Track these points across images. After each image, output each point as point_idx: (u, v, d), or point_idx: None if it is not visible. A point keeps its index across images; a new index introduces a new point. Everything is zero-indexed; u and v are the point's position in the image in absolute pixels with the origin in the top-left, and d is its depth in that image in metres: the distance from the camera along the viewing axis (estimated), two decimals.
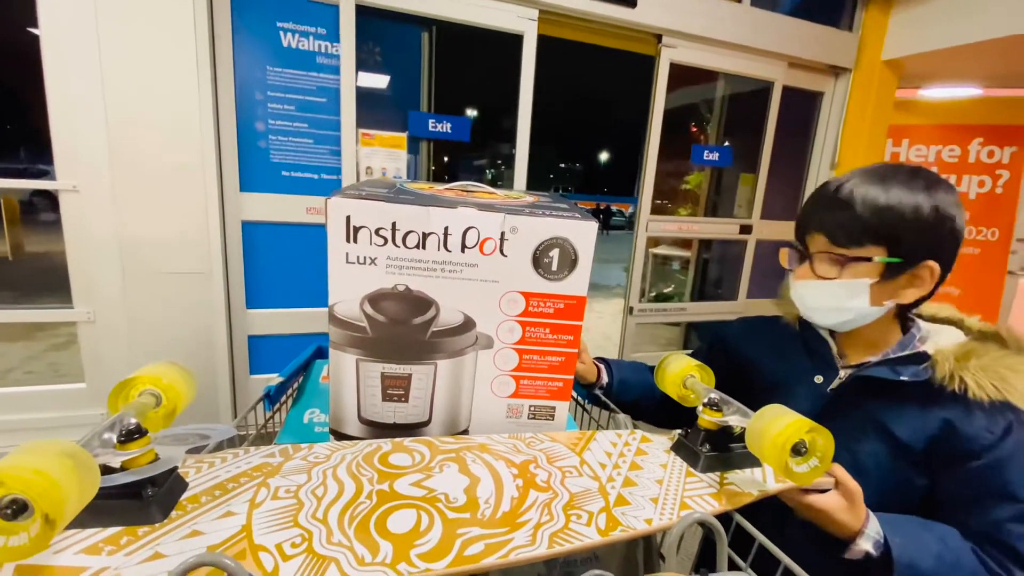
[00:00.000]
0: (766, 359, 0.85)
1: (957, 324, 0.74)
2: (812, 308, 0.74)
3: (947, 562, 0.59)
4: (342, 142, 1.77)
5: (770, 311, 0.91)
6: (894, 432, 0.68)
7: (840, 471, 0.59)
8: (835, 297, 0.70)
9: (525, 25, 1.82)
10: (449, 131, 1.92)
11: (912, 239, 0.66)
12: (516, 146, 1.95)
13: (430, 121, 1.88)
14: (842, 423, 0.69)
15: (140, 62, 1.55)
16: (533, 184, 1.96)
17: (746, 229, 2.44)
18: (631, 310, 2.29)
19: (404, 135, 1.83)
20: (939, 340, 0.71)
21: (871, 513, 0.60)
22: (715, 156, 2.43)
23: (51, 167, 1.57)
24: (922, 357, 0.68)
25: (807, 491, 0.59)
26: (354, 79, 1.70)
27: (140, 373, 0.47)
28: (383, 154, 1.80)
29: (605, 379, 0.91)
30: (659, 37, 1.98)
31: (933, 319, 0.76)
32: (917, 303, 0.72)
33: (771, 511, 0.62)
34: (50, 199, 1.62)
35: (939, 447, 0.65)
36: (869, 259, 0.67)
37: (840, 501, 0.58)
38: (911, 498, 0.68)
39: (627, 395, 0.90)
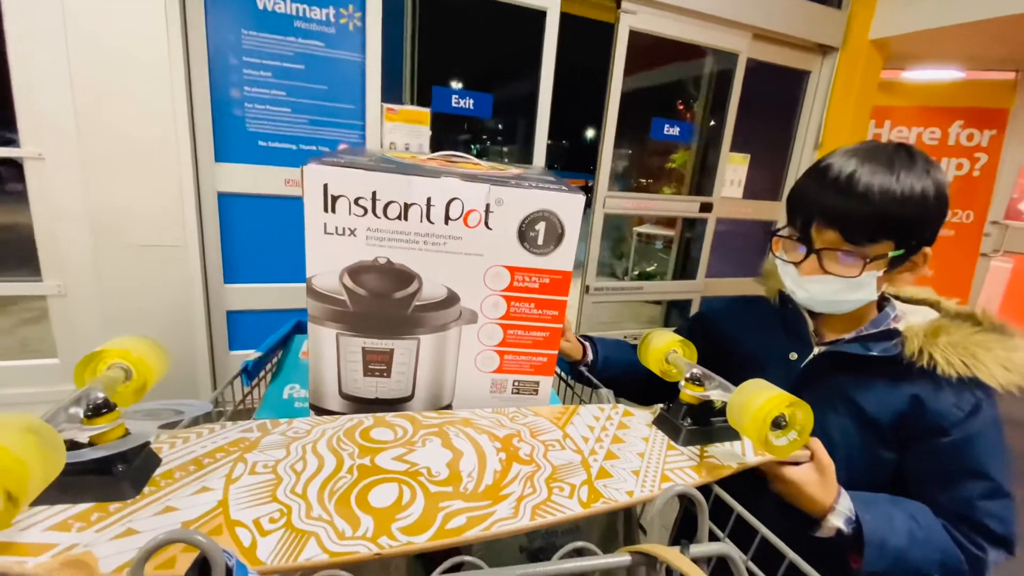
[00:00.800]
0: (745, 336, 0.86)
1: (933, 306, 0.75)
2: (819, 302, 0.72)
3: (918, 540, 0.61)
4: (367, 117, 1.75)
5: (731, 291, 0.91)
6: (863, 407, 0.69)
7: (816, 444, 0.61)
8: (845, 292, 0.69)
9: (549, 1, 1.76)
10: (472, 107, 1.92)
11: (919, 229, 0.66)
12: (536, 125, 1.92)
13: (453, 97, 1.89)
14: (812, 397, 0.70)
15: (107, 23, 1.47)
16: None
17: (707, 207, 2.42)
18: (587, 289, 2.26)
19: (427, 111, 1.82)
20: (913, 319, 0.72)
21: (843, 490, 0.62)
22: (675, 131, 2.41)
23: (16, 135, 1.49)
24: (893, 334, 0.69)
25: (783, 463, 0.60)
26: (380, 51, 1.67)
27: (108, 346, 0.46)
28: (405, 129, 1.80)
29: (590, 356, 0.91)
30: (618, 2, 1.89)
31: (911, 301, 0.77)
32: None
33: (749, 484, 0.63)
34: (17, 168, 1.54)
35: (907, 422, 0.66)
36: (885, 255, 0.66)
37: (812, 474, 0.59)
38: (880, 473, 0.69)
39: (611, 372, 0.90)
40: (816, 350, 0.75)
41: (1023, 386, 0.63)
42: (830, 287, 0.69)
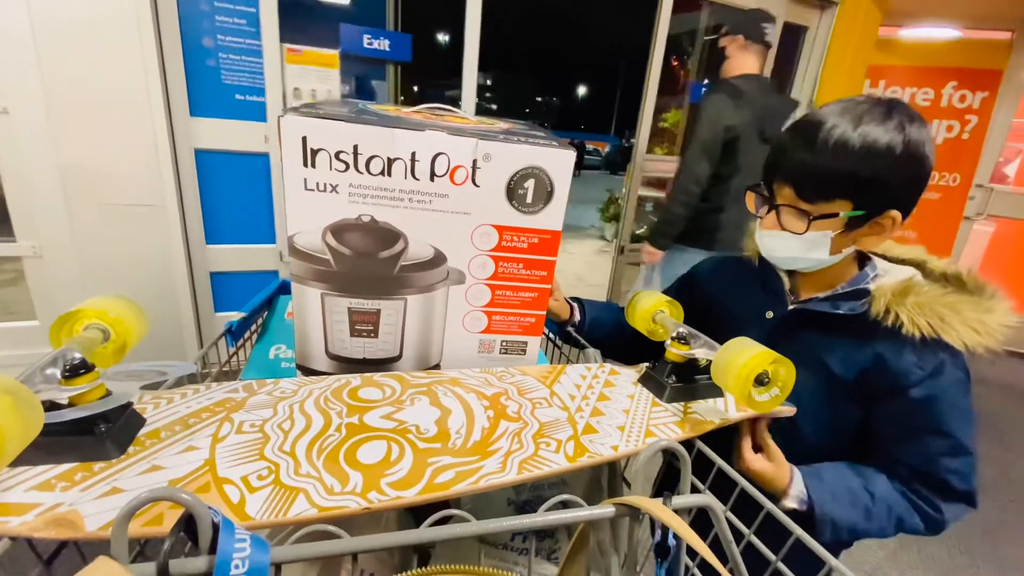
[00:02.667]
0: (727, 295, 0.87)
1: (919, 265, 0.74)
2: (776, 257, 0.74)
3: (872, 513, 0.64)
4: (264, 58, 1.56)
5: None
6: (828, 364, 0.69)
7: (767, 438, 0.64)
8: (797, 250, 0.69)
9: None
10: (387, 49, 1.68)
11: (878, 191, 0.64)
12: (463, 70, 1.73)
13: (365, 37, 1.64)
14: (781, 354, 0.72)
15: None
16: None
17: None
18: (622, 249, 2.29)
19: (335, 52, 1.60)
20: (890, 279, 0.71)
21: (796, 473, 0.65)
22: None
23: None
24: (862, 293, 0.69)
25: (755, 447, 0.64)
26: None
27: (83, 306, 0.44)
28: (313, 74, 1.60)
29: (577, 317, 0.91)
30: None
31: (899, 260, 0.77)
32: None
33: (730, 439, 0.65)
34: None
35: (870, 380, 0.67)
36: (836, 215, 0.65)
37: (767, 465, 0.63)
38: (846, 429, 0.71)
39: (598, 333, 0.91)
40: (791, 308, 0.76)
41: (992, 348, 0.63)
42: (784, 243, 0.69)
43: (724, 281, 0.90)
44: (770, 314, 0.77)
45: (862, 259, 0.75)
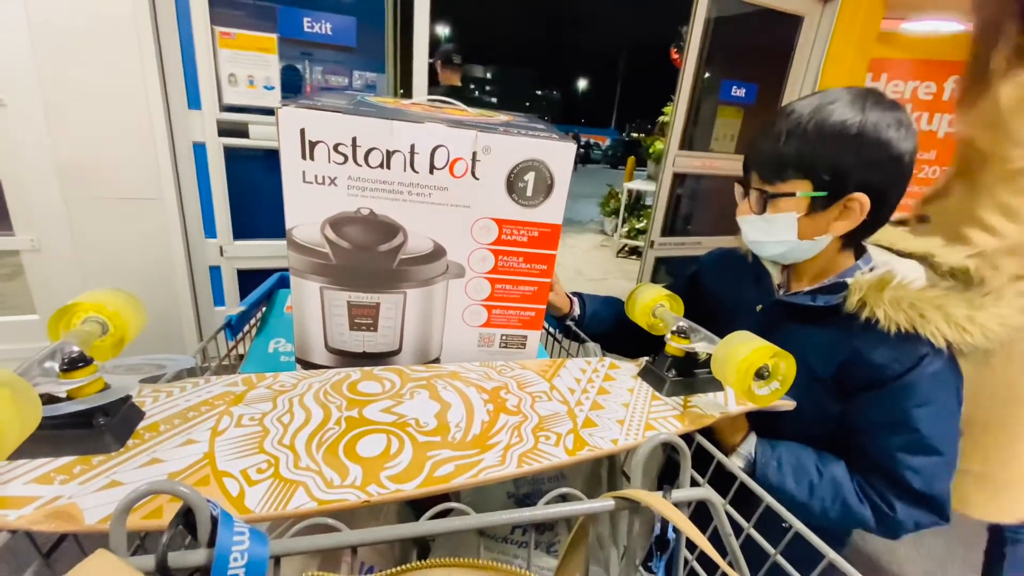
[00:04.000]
0: (723, 288, 0.88)
1: (925, 259, 0.73)
2: (751, 242, 0.75)
3: (816, 490, 0.65)
4: (195, 42, 1.47)
5: None
6: (807, 358, 0.67)
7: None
8: (764, 232, 0.71)
9: None
10: (329, 33, 1.56)
11: (836, 171, 0.64)
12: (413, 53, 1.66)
13: (305, 20, 1.54)
14: None
15: None
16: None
17: None
18: (652, 244, 2.36)
19: (273, 36, 1.49)
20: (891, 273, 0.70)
21: (752, 436, 0.67)
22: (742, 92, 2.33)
23: None
24: (841, 286, 0.68)
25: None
26: None
27: (81, 299, 0.44)
28: (249, 59, 1.50)
29: (577, 311, 0.91)
30: None
31: (906, 253, 0.75)
32: (864, 234, 0.70)
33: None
34: None
35: (848, 374, 0.67)
36: (793, 194, 0.66)
37: (724, 419, 0.60)
38: (827, 423, 0.71)
39: (599, 327, 0.91)
40: (771, 300, 0.76)
41: (979, 345, 0.61)
42: (752, 226, 0.72)
43: (723, 274, 0.90)
44: (760, 307, 0.78)
45: (859, 253, 0.75)
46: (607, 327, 0.92)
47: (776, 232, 0.70)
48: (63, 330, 0.43)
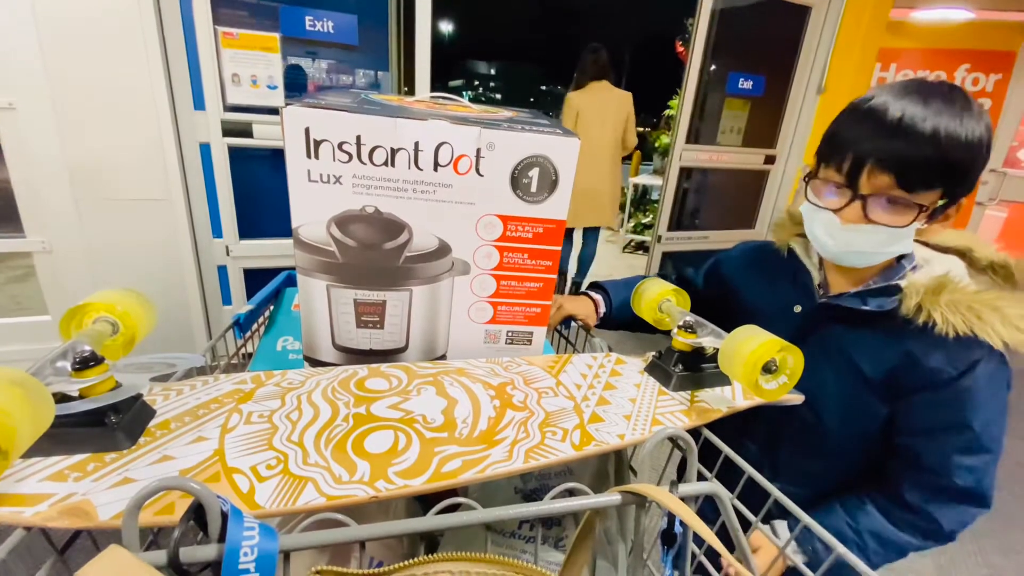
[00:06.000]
0: (753, 286, 0.84)
1: (964, 254, 0.70)
2: (853, 252, 0.66)
3: (869, 553, 0.65)
4: (198, 43, 1.49)
5: None
6: (856, 361, 0.68)
7: (757, 537, 0.64)
8: (885, 243, 0.64)
9: None
10: (331, 31, 1.59)
11: (970, 178, 0.61)
12: (416, 46, 1.68)
13: (307, 18, 1.57)
14: (809, 349, 0.69)
15: None
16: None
17: (770, 159, 2.44)
18: (659, 238, 2.37)
19: (275, 36, 1.52)
20: (934, 270, 0.67)
21: (790, 549, 0.60)
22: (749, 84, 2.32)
23: None
24: (894, 289, 0.66)
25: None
26: None
27: (92, 299, 0.45)
28: (252, 59, 1.52)
29: (603, 309, 0.89)
30: None
31: (944, 248, 0.72)
32: None
33: (737, 427, 0.65)
34: None
35: (899, 378, 0.66)
36: (934, 204, 0.61)
37: (759, 563, 0.61)
38: (871, 426, 0.70)
39: (629, 312, 0.88)
40: (817, 302, 0.73)
41: None
42: (873, 237, 0.63)
43: (752, 272, 0.87)
44: (798, 308, 0.75)
45: None
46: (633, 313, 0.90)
47: (893, 243, 0.64)
48: (74, 330, 0.44)
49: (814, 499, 0.72)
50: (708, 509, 0.44)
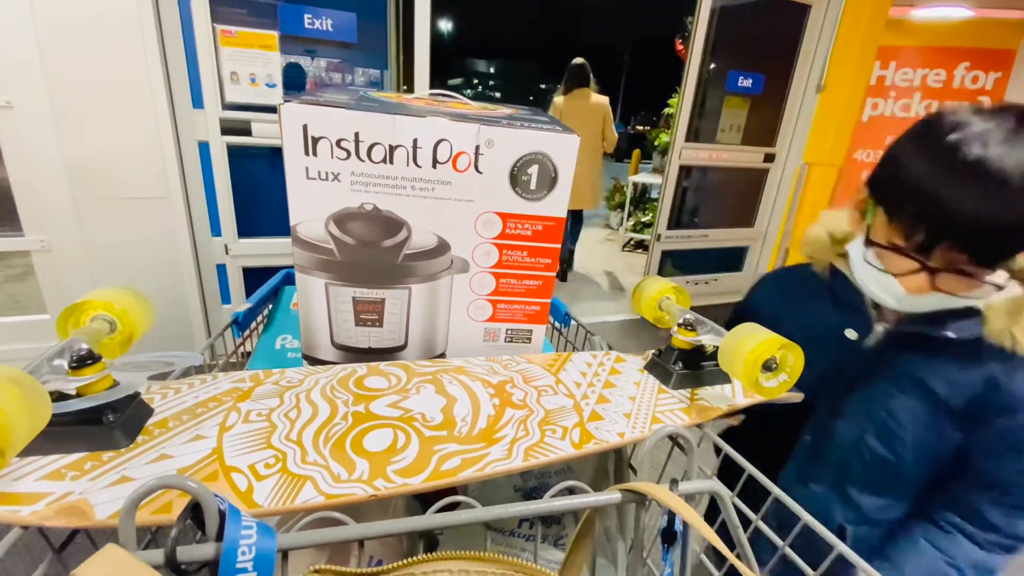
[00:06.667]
0: (789, 311, 0.80)
1: (1018, 274, 0.63)
2: (906, 306, 0.63)
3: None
4: (196, 41, 1.49)
5: None
6: (934, 389, 0.64)
7: None
8: (955, 302, 0.60)
9: None
10: (330, 29, 1.60)
11: None
12: (415, 42, 1.70)
13: (306, 16, 1.57)
14: (881, 381, 0.66)
15: None
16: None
17: (769, 158, 2.45)
18: (659, 237, 2.38)
19: (274, 34, 1.53)
20: (1012, 290, 0.62)
21: None
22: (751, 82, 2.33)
23: None
24: (972, 312, 0.62)
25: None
26: None
27: (89, 298, 0.45)
28: (251, 57, 1.53)
29: None
30: None
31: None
32: None
33: (740, 431, 0.64)
34: None
35: (980, 404, 0.62)
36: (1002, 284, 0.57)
37: None
38: (944, 451, 0.66)
39: None
40: (878, 327, 0.69)
41: None
42: (932, 302, 0.59)
43: (784, 303, 0.82)
44: (853, 334, 0.71)
45: None
46: None
47: (964, 300, 0.59)
48: (72, 328, 0.44)
49: (885, 535, 0.69)
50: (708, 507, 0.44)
